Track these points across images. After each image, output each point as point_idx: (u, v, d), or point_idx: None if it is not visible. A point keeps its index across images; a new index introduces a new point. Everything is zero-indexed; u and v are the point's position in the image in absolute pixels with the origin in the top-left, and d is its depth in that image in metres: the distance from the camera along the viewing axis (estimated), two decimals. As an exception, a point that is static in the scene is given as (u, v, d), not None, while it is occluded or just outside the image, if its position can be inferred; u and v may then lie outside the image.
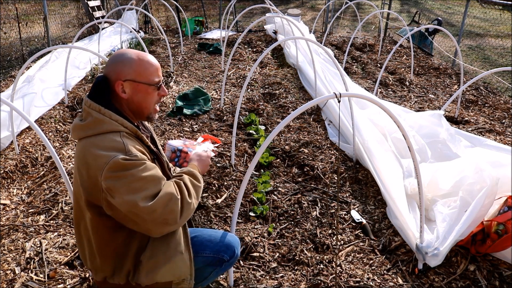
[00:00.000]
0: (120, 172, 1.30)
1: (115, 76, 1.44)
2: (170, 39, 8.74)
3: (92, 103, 1.41)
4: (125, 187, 1.30)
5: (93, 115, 1.39)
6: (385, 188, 2.84)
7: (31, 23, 7.34)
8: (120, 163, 1.30)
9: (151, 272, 1.48)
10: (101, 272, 1.53)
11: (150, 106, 1.52)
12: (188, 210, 1.39)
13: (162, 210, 1.32)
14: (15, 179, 3.19)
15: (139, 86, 1.46)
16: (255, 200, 2.91)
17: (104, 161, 1.30)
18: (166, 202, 1.33)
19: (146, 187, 1.32)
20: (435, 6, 16.34)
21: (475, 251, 2.30)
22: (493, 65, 7.63)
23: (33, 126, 2.25)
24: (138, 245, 1.50)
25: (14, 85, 3.53)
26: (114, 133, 1.38)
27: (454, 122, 4.55)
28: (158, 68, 1.50)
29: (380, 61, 7.22)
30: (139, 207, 1.29)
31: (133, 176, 1.31)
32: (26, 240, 2.48)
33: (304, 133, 4.08)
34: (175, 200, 1.35)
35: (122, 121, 1.41)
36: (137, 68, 1.44)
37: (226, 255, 1.70)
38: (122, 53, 1.47)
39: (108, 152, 1.31)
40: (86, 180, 1.36)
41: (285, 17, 5.69)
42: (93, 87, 1.45)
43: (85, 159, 1.35)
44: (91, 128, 1.38)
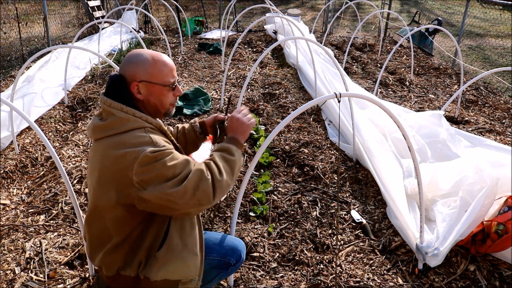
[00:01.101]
0: (151, 164, 1.31)
1: (130, 77, 1.45)
2: (170, 39, 8.74)
3: (113, 102, 1.41)
4: (157, 177, 1.31)
5: (116, 114, 1.40)
6: (385, 188, 2.84)
7: (31, 23, 7.34)
8: (150, 156, 1.31)
9: (163, 268, 1.49)
10: (114, 265, 1.52)
11: (166, 106, 1.54)
12: (220, 188, 1.37)
13: (193, 192, 1.32)
14: (15, 179, 3.19)
15: (154, 87, 1.47)
16: (255, 200, 2.91)
17: (133, 157, 1.31)
18: (196, 184, 1.33)
19: (176, 173, 1.33)
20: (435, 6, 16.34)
21: (475, 251, 2.30)
22: (493, 65, 7.63)
23: (33, 126, 2.24)
24: (152, 238, 1.51)
25: (14, 85, 3.53)
26: (139, 129, 1.40)
27: (454, 122, 4.55)
28: (172, 69, 1.51)
29: (380, 61, 7.22)
30: (170, 193, 1.30)
31: (163, 165, 1.32)
32: (26, 240, 2.48)
33: (304, 133, 4.08)
34: (205, 180, 1.34)
35: (146, 117, 1.43)
36: (152, 69, 1.46)
37: (232, 259, 1.71)
38: (137, 54, 1.47)
39: (136, 148, 1.33)
40: (113, 179, 1.36)
41: (285, 17, 5.69)
42: (109, 86, 1.46)
43: (112, 158, 1.35)
44: (115, 127, 1.39)
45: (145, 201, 1.35)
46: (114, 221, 1.45)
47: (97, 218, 1.49)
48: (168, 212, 1.41)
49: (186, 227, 1.55)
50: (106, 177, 1.38)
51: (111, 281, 1.59)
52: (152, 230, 1.50)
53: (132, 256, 1.50)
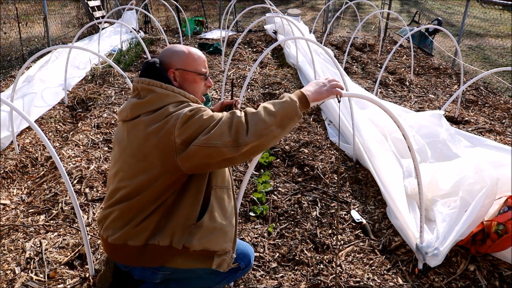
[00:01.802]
0: (189, 121, 1.38)
1: (168, 64, 1.59)
2: (170, 39, 8.74)
3: (152, 80, 1.52)
4: (196, 130, 1.37)
5: (156, 90, 1.49)
6: (385, 188, 2.84)
7: (31, 23, 7.34)
8: (188, 114, 1.39)
9: (206, 236, 1.53)
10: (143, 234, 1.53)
11: (198, 94, 1.64)
12: (253, 123, 1.35)
13: (228, 130, 1.34)
14: (15, 179, 3.19)
15: (188, 74, 1.60)
16: (255, 200, 2.91)
17: (174, 119, 1.39)
18: (230, 121, 1.36)
19: (212, 120, 1.38)
20: (435, 6, 16.34)
21: (475, 251, 2.30)
22: (493, 65, 7.63)
23: (33, 126, 2.24)
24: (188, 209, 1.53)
25: (14, 85, 3.53)
26: (179, 102, 1.49)
27: (454, 122, 4.55)
28: (205, 60, 1.67)
29: (380, 61, 7.22)
30: (209, 137, 1.34)
31: (199, 119, 1.38)
32: (26, 240, 2.48)
33: (304, 133, 4.09)
34: (237, 117, 1.37)
35: (184, 93, 1.53)
36: (187, 59, 1.61)
37: (242, 263, 1.73)
38: (175, 46, 1.65)
39: (175, 113, 1.41)
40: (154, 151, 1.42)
41: (285, 17, 5.69)
42: (146, 68, 1.57)
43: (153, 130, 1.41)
44: (155, 102, 1.47)
45: (189, 158, 1.38)
46: (152, 193, 1.49)
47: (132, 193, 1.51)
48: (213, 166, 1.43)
49: (225, 198, 1.62)
50: (149, 150, 1.44)
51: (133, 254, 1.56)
52: (186, 200, 1.53)
53: (166, 224, 1.53)
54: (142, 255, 1.56)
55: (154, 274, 1.61)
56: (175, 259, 1.56)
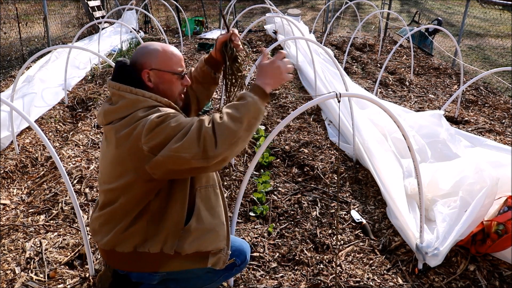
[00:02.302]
0: (157, 128, 1.33)
1: (141, 65, 1.51)
2: (170, 39, 8.74)
3: (122, 85, 1.46)
4: (164, 139, 1.32)
5: (126, 96, 1.44)
6: (385, 188, 2.84)
7: (31, 23, 7.34)
8: (155, 121, 1.34)
9: (196, 240, 1.52)
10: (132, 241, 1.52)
11: (175, 94, 1.58)
12: (221, 132, 1.29)
13: (197, 142, 1.29)
14: (15, 179, 3.19)
15: (164, 74, 1.52)
16: (255, 200, 2.91)
17: (142, 125, 1.35)
18: (198, 131, 1.30)
19: (180, 129, 1.33)
20: (435, 6, 16.34)
21: (475, 251, 2.30)
22: (493, 65, 7.63)
23: (33, 126, 2.25)
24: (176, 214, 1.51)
25: (14, 85, 3.53)
26: (149, 107, 1.43)
27: (454, 122, 4.55)
28: (181, 59, 1.58)
29: (380, 61, 7.22)
30: (177, 148, 1.29)
31: (167, 127, 1.33)
32: (26, 240, 2.48)
33: (304, 133, 4.09)
34: (205, 127, 1.31)
35: (155, 96, 1.46)
36: (162, 58, 1.52)
37: (238, 259, 1.72)
38: (149, 44, 1.55)
39: (143, 119, 1.36)
40: (128, 156, 1.40)
41: (285, 17, 5.69)
42: (116, 71, 1.51)
43: (124, 135, 1.39)
44: (126, 108, 1.42)
45: (158, 167, 1.35)
46: (132, 198, 1.47)
47: (115, 198, 1.51)
48: (185, 173, 1.41)
49: (211, 197, 1.59)
50: (122, 156, 1.42)
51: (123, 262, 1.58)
52: (173, 205, 1.51)
53: (154, 231, 1.51)
54: (134, 261, 1.56)
55: (151, 276, 1.61)
56: (169, 263, 1.55)
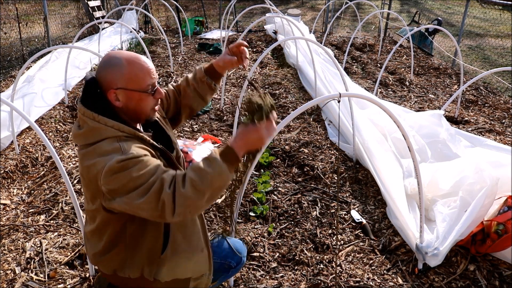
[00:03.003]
0: (116, 174, 1.25)
1: (106, 84, 1.37)
2: (170, 39, 8.74)
3: (86, 110, 1.35)
4: (123, 187, 1.27)
5: (88, 123, 1.35)
6: (385, 188, 2.84)
7: (31, 23, 7.34)
8: (116, 166, 1.25)
9: (172, 269, 1.49)
10: (110, 265, 1.52)
11: (146, 111, 1.44)
12: (181, 201, 1.24)
13: (155, 204, 1.24)
14: (15, 179, 3.19)
15: (132, 93, 1.38)
16: (255, 200, 2.91)
17: (101, 166, 1.26)
18: (157, 195, 1.24)
19: (142, 183, 1.25)
20: (435, 6, 16.34)
21: (475, 251, 2.30)
22: (493, 65, 7.63)
23: (33, 126, 2.25)
24: (152, 241, 1.47)
25: (14, 85, 3.53)
26: (112, 138, 1.33)
27: (454, 122, 4.55)
28: (149, 71, 1.40)
29: (380, 61, 7.23)
30: (135, 205, 1.26)
31: (128, 175, 1.25)
32: (26, 240, 2.48)
33: (304, 133, 4.09)
34: (165, 192, 1.24)
35: (118, 125, 1.35)
36: (128, 74, 1.36)
37: (233, 261, 1.72)
38: (113, 57, 1.38)
39: (104, 157, 1.28)
40: (89, 186, 1.37)
41: (285, 17, 5.70)
42: (84, 90, 1.39)
43: (86, 168, 1.34)
44: (89, 136, 1.35)
45: (116, 209, 1.33)
46: (103, 221, 1.44)
47: (91, 217, 1.50)
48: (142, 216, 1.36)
49: (187, 224, 1.53)
50: (85, 184, 1.39)
51: (111, 279, 1.59)
52: (148, 232, 1.46)
53: (131, 258, 1.49)
54: (118, 280, 1.55)
55: None
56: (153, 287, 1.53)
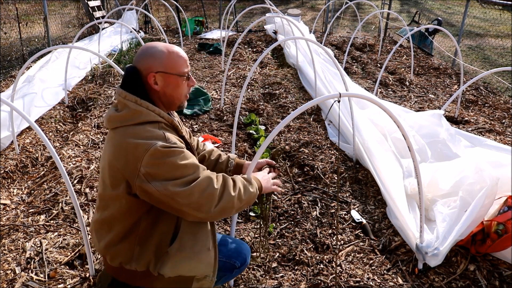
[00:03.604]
0: (161, 159, 1.34)
1: (147, 68, 1.47)
2: (170, 39, 8.74)
3: (128, 94, 1.44)
4: (165, 174, 1.34)
5: (130, 106, 1.43)
6: (385, 188, 2.84)
7: (31, 23, 7.34)
8: (161, 151, 1.34)
9: (177, 265, 1.50)
10: (118, 257, 1.53)
11: (181, 96, 1.56)
12: (226, 202, 1.42)
13: (199, 195, 1.36)
14: (15, 179, 3.19)
15: (170, 77, 1.50)
16: (255, 200, 2.90)
17: (145, 148, 1.34)
18: (204, 188, 1.37)
19: (185, 174, 1.37)
20: (435, 6, 16.34)
21: (475, 251, 2.30)
22: (493, 65, 7.63)
23: (33, 126, 2.25)
24: (161, 235, 1.51)
25: (14, 85, 3.53)
26: (153, 123, 1.43)
27: (454, 122, 4.55)
28: (186, 59, 1.56)
29: (380, 61, 7.23)
30: (176, 192, 1.34)
31: (172, 163, 1.35)
32: (26, 240, 2.48)
33: (304, 133, 4.09)
34: (213, 188, 1.39)
35: (159, 111, 1.45)
36: (168, 60, 1.49)
37: (237, 261, 1.71)
38: (152, 46, 1.50)
39: (148, 141, 1.35)
40: (122, 168, 1.39)
41: (285, 17, 5.70)
42: (125, 78, 1.48)
43: (123, 147, 1.38)
44: (129, 119, 1.42)
45: (147, 193, 1.37)
46: (120, 210, 1.46)
47: (105, 205, 1.51)
48: (164, 208, 1.42)
49: (197, 223, 1.56)
50: (116, 166, 1.41)
51: (115, 273, 1.59)
52: (160, 227, 1.50)
53: (140, 252, 1.51)
54: (124, 274, 1.56)
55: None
56: (156, 283, 1.54)
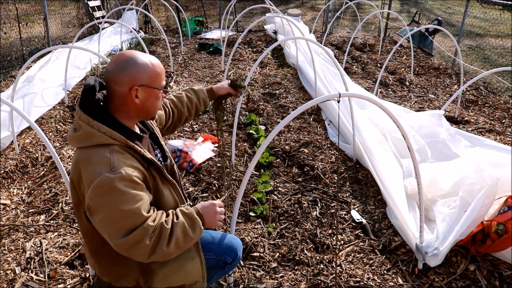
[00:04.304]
0: (101, 197, 1.28)
1: (129, 82, 1.41)
2: (170, 39, 8.74)
3: (82, 114, 1.38)
4: (103, 212, 1.29)
5: (83, 127, 1.37)
6: (385, 188, 2.84)
7: (31, 23, 7.34)
8: (103, 186, 1.28)
9: (164, 279, 1.52)
10: (106, 276, 1.56)
11: (157, 108, 1.54)
12: (160, 255, 1.34)
13: (130, 247, 1.30)
14: (15, 179, 3.19)
15: (153, 91, 1.46)
16: (255, 200, 2.91)
17: (91, 179, 1.29)
18: (135, 242, 1.30)
19: (121, 221, 1.29)
20: (435, 6, 16.34)
21: (475, 251, 2.30)
22: (493, 65, 7.63)
23: (33, 126, 2.25)
24: None
25: (14, 85, 3.53)
26: (104, 147, 1.36)
27: (454, 122, 4.55)
28: (164, 72, 1.54)
29: (380, 61, 7.23)
30: (108, 236, 1.31)
31: (112, 205, 1.28)
32: (26, 240, 2.48)
33: (304, 133, 4.09)
34: (144, 244, 1.30)
35: (111, 133, 1.37)
36: (152, 73, 1.45)
37: (229, 257, 1.72)
38: (133, 57, 1.43)
39: (96, 168, 1.30)
40: (78, 190, 1.39)
41: (285, 17, 5.69)
42: (82, 94, 1.41)
43: (78, 171, 1.36)
44: (83, 140, 1.38)
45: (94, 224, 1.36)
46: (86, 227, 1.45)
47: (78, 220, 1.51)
48: None
49: None
50: (73, 187, 1.41)
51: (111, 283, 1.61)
52: None
53: (124, 270, 1.51)
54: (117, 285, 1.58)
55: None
56: None
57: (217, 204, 1.54)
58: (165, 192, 1.51)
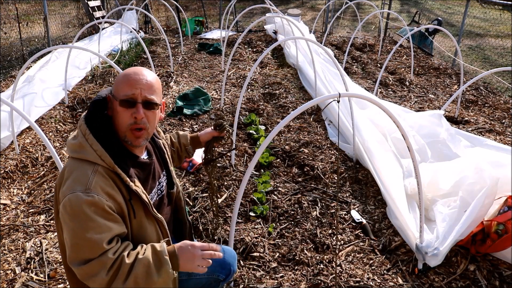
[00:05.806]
0: (68, 216, 1.24)
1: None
2: (170, 39, 8.74)
3: (83, 124, 1.35)
4: (66, 233, 1.26)
5: (79, 138, 1.34)
6: (385, 188, 2.84)
7: (31, 23, 7.35)
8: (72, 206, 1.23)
9: None
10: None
11: (122, 127, 1.37)
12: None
13: (86, 278, 1.25)
14: (15, 179, 3.19)
15: (114, 102, 1.37)
16: (255, 200, 2.91)
17: (65, 193, 1.25)
18: (91, 274, 1.23)
19: (79, 248, 1.23)
20: (435, 6, 16.34)
21: (475, 251, 2.30)
22: (493, 65, 7.63)
23: (33, 126, 2.25)
24: None
25: (15, 85, 3.53)
26: (90, 164, 1.30)
27: (454, 122, 4.55)
28: (133, 82, 1.35)
29: (380, 61, 7.23)
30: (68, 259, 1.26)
31: (75, 228, 1.23)
32: (26, 240, 2.48)
33: (304, 133, 4.09)
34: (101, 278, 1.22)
35: (101, 152, 1.30)
36: (117, 82, 1.36)
37: (221, 274, 1.61)
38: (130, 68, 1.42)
39: (72, 184, 1.26)
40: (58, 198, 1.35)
41: (285, 17, 5.69)
42: (90, 105, 1.39)
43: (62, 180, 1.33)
44: (75, 151, 1.34)
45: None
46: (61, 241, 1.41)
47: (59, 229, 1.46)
48: None
49: None
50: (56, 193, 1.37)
51: None
52: None
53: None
54: None
55: None
56: None
57: (198, 246, 1.33)
58: (149, 228, 1.42)
